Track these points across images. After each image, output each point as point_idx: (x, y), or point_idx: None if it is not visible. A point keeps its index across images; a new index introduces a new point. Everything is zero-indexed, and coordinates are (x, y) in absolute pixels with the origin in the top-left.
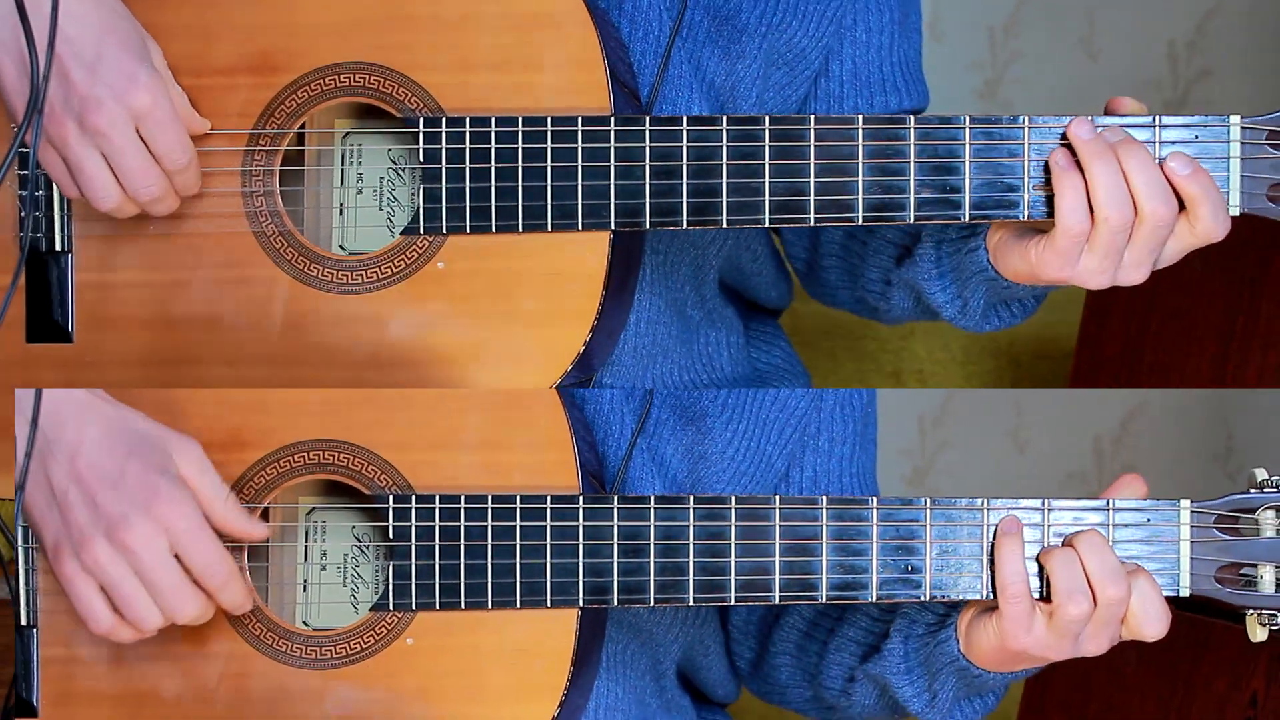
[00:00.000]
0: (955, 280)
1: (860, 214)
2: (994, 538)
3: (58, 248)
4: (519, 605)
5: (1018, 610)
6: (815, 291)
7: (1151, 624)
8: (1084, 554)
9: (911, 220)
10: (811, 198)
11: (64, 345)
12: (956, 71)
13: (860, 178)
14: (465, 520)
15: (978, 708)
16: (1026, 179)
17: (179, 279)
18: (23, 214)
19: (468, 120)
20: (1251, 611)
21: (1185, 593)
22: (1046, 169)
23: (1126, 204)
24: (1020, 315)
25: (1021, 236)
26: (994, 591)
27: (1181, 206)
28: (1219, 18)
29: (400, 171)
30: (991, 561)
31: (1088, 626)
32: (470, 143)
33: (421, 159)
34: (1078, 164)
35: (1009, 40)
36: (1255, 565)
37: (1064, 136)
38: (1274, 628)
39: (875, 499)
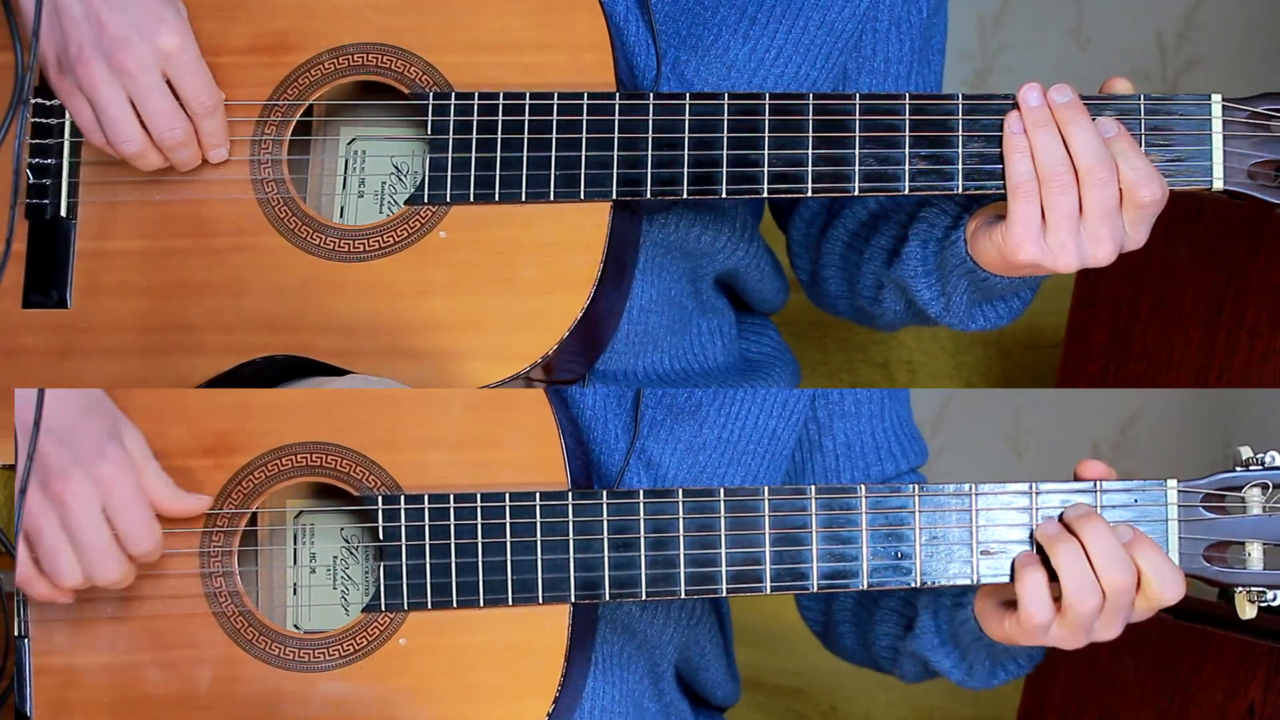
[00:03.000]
0: (939, 277)
1: (856, 184)
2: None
3: (63, 214)
4: (511, 602)
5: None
6: (819, 301)
7: (1168, 590)
8: (1087, 541)
9: (906, 191)
10: (810, 169)
11: (59, 311)
12: (946, 61)
13: (856, 150)
14: (455, 519)
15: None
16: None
17: (179, 246)
18: (24, 181)
19: (476, 95)
20: (1240, 589)
21: None
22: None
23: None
24: (1006, 316)
25: (992, 224)
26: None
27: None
28: (1207, 8)
29: (401, 177)
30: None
31: (1099, 619)
32: (478, 115)
33: (430, 132)
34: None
35: (998, 30)
36: (1243, 543)
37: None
38: (1263, 604)
39: (864, 487)
